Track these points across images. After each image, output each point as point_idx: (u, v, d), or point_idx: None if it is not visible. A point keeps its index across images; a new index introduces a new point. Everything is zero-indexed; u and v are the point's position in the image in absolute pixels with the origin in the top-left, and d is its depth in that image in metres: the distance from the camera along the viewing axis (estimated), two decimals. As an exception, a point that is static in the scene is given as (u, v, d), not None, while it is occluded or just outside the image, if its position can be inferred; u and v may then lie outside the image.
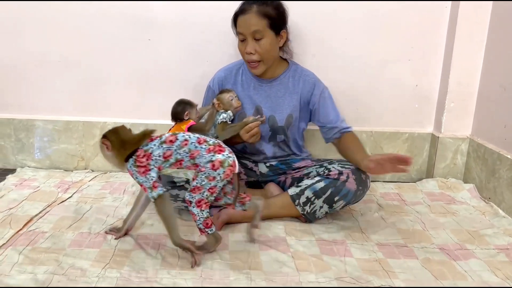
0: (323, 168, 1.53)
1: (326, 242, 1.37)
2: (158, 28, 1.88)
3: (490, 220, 1.58)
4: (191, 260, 1.21)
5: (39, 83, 1.96)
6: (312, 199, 1.46)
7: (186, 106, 1.50)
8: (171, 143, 1.19)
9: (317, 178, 1.48)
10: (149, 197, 1.19)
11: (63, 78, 1.95)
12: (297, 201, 1.47)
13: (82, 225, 1.44)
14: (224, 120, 1.53)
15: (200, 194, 1.17)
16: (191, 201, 1.18)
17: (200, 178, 1.17)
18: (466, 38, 1.84)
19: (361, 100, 1.96)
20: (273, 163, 1.68)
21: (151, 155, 1.18)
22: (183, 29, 1.88)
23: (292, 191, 1.49)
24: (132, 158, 1.19)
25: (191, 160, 1.18)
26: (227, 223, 1.46)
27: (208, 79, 1.70)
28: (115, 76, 1.95)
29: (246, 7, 1.49)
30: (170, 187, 1.47)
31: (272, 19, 1.47)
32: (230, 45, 1.83)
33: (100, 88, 1.96)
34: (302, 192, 1.47)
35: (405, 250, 1.34)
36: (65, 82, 1.95)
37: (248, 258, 1.26)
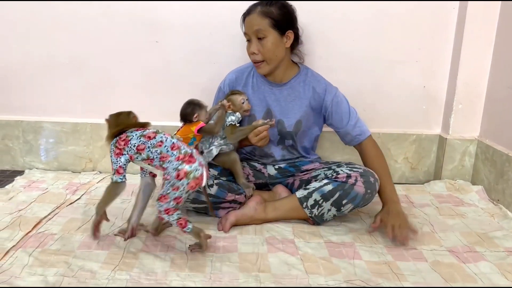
0: (331, 170, 1.53)
1: (334, 245, 1.37)
2: (166, 30, 1.88)
3: (499, 222, 1.57)
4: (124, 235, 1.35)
5: (47, 85, 1.97)
6: (320, 202, 1.46)
7: (196, 108, 1.48)
8: (148, 138, 1.23)
9: (325, 181, 1.48)
10: (114, 181, 1.26)
11: (71, 80, 1.96)
12: (305, 203, 1.47)
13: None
14: (232, 123, 1.54)
15: (167, 204, 1.21)
16: (160, 210, 1.22)
17: (166, 187, 1.21)
18: (474, 39, 1.83)
19: (368, 101, 1.95)
20: (281, 165, 1.68)
21: (128, 142, 1.23)
22: (191, 31, 1.88)
23: (300, 193, 1.49)
24: (115, 139, 1.26)
25: (160, 162, 1.22)
26: (235, 225, 1.46)
27: (216, 80, 1.71)
28: (123, 78, 1.95)
29: (251, 8, 1.51)
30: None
31: (275, 18, 1.48)
32: (238, 47, 1.83)
33: (107, 90, 1.97)
34: (310, 194, 1.47)
35: (414, 252, 1.34)
36: (73, 84, 1.96)
37: (257, 260, 1.26)
